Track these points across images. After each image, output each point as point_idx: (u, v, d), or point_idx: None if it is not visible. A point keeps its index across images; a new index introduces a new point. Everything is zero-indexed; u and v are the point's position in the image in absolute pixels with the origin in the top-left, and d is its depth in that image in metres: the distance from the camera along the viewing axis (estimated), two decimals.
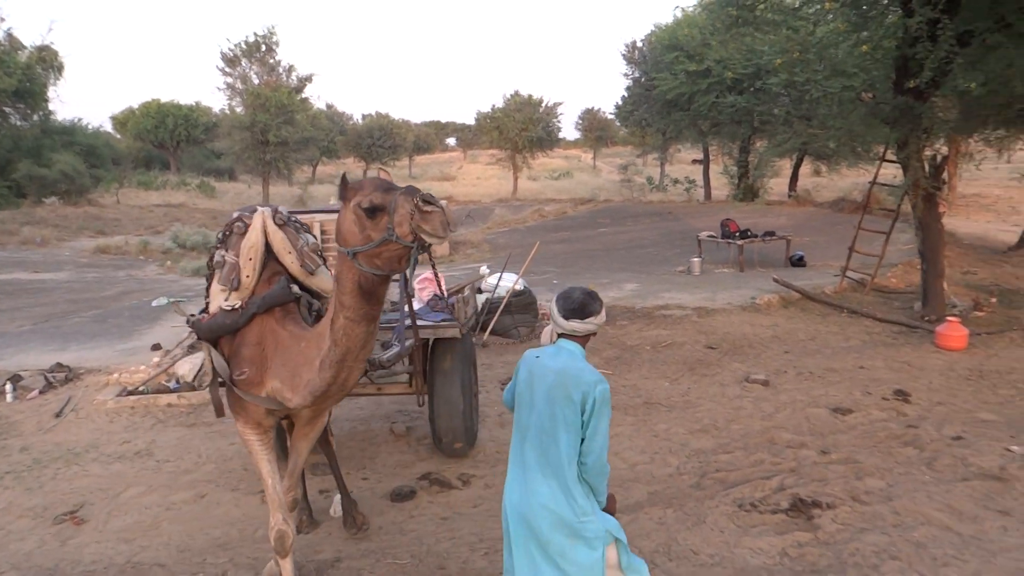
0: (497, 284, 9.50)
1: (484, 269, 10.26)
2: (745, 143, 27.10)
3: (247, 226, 3.98)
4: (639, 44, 31.74)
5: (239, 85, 30.93)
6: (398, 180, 3.56)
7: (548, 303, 6.51)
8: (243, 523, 5.13)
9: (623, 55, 32.72)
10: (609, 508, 3.06)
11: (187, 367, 7.56)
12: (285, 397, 3.66)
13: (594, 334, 3.07)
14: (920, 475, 5.49)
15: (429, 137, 64.27)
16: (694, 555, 4.50)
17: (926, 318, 9.52)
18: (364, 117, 54.80)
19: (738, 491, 5.25)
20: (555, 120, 40.05)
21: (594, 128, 61.86)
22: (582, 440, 2.90)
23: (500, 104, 38.73)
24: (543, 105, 38.83)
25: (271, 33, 31.05)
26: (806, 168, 33.46)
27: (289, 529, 3.90)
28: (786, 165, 29.61)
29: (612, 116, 43.07)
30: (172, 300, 8.75)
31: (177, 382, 7.77)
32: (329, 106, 53.98)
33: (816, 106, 14.42)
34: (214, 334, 3.85)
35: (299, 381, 3.58)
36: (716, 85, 24.89)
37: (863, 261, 11.61)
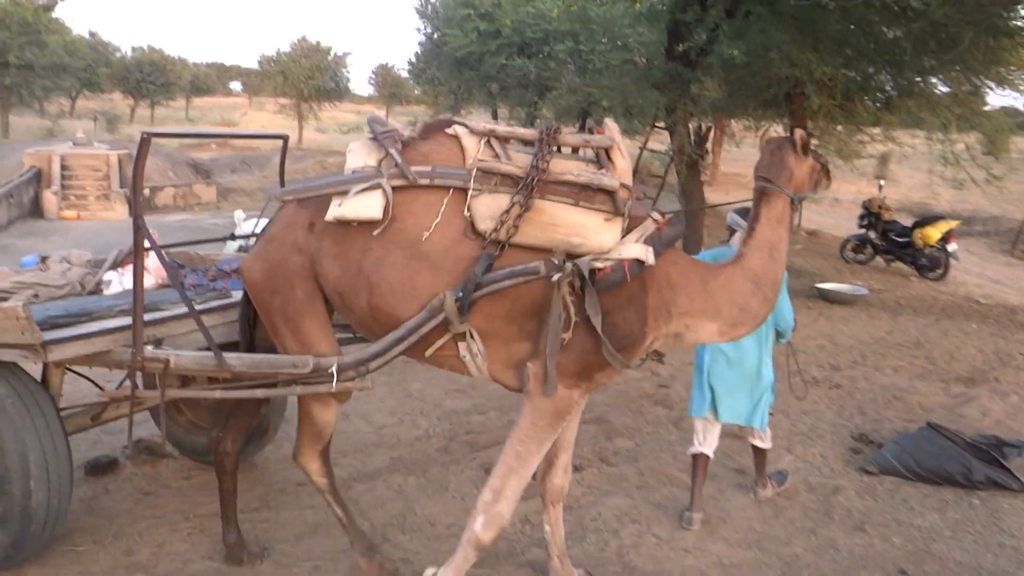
0: (252, 231, 8.58)
1: (239, 214, 9.29)
2: (532, 108, 27.34)
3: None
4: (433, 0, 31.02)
5: None
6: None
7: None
8: None
9: (417, 9, 31.79)
10: None
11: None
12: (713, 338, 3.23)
13: None
14: (667, 434, 5.46)
15: (210, 79, 59.61)
16: (430, 526, 4.11)
17: None
18: (134, 50, 49.67)
19: (486, 454, 4.93)
20: (344, 71, 38.52)
21: (388, 84, 60.30)
22: None
23: (286, 49, 36.52)
24: (332, 54, 37.13)
25: None
26: None
27: None
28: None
29: (406, 73, 42.08)
30: None
31: None
32: (92, 34, 48.27)
33: (599, 76, 14.64)
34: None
35: (748, 314, 3.14)
36: (506, 47, 24.78)
37: None
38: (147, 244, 3.23)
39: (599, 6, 12.66)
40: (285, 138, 4.62)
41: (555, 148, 2.93)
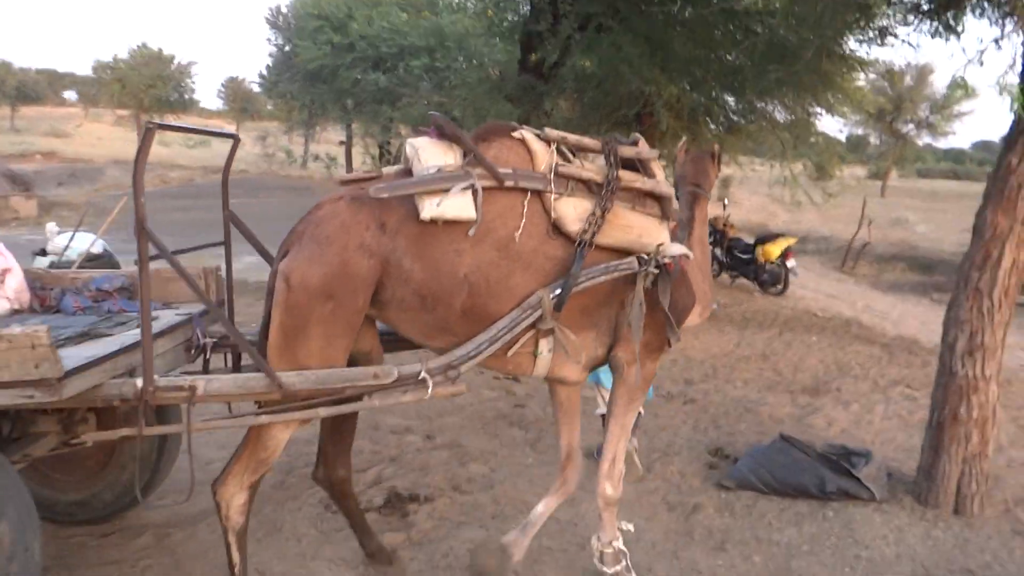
0: (67, 245, 7.71)
1: (52, 227, 8.33)
2: (388, 124, 26.88)
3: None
4: (284, 9, 30.05)
5: None
6: None
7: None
8: None
9: (267, 20, 30.79)
10: None
11: None
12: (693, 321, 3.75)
13: None
14: (524, 458, 5.19)
15: (39, 86, 55.26)
16: None
17: None
18: None
19: None
20: (189, 81, 36.63)
21: (238, 98, 57.89)
22: None
23: (124, 56, 34.34)
24: (175, 63, 35.23)
25: None
26: None
27: None
28: None
29: (257, 86, 40.43)
30: None
31: None
32: None
33: (453, 90, 14.47)
34: None
35: (706, 298, 3.80)
36: (360, 61, 24.28)
37: None
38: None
39: (452, 21, 12.56)
40: (236, 139, 4.10)
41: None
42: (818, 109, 13.14)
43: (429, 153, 3.03)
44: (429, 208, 2.85)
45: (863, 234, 17.02)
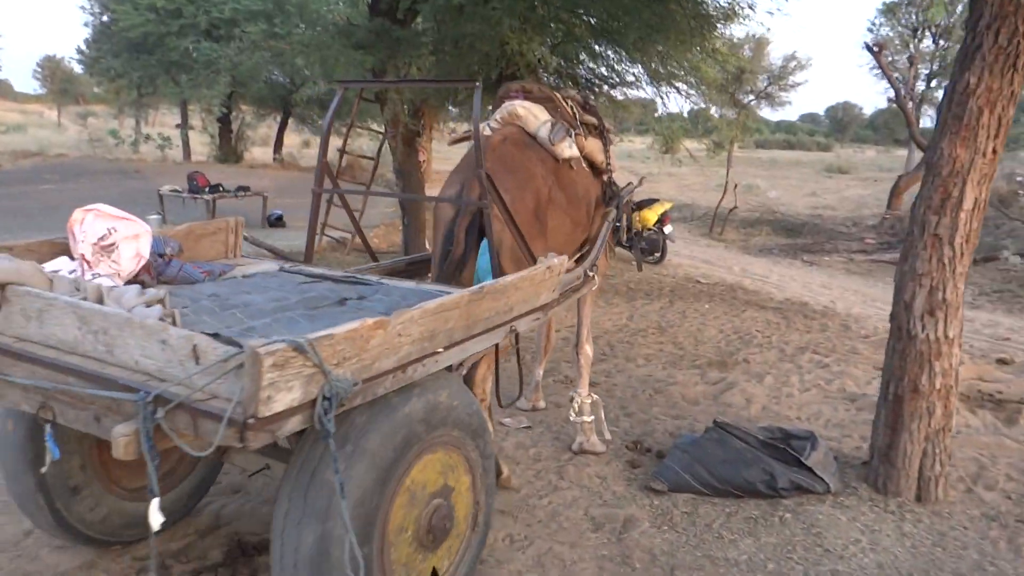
0: None
1: None
2: (227, 99, 24.63)
3: None
4: None
5: None
6: None
7: None
8: None
9: None
10: None
11: None
12: None
13: None
14: None
15: None
16: None
17: None
18: None
19: (143, 546, 3.25)
20: None
21: (56, 80, 52.44)
22: None
23: None
24: None
25: None
26: (295, 139, 32.35)
27: None
28: (272, 130, 28.03)
29: (77, 64, 36.39)
30: None
31: None
32: None
33: (292, 37, 12.99)
34: None
35: None
36: (190, 28, 21.95)
37: (347, 222, 10.38)
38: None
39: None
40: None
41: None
42: (681, 71, 12.73)
43: (537, 111, 4.12)
44: (566, 150, 4.06)
45: (731, 199, 16.89)
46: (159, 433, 1.92)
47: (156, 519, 1.92)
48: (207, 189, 12.51)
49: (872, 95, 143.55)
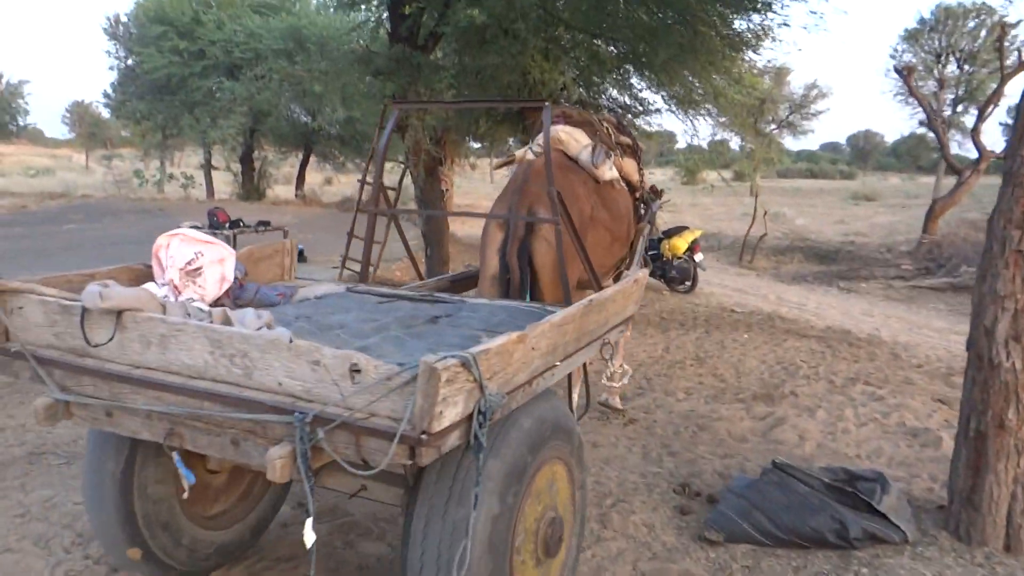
0: None
1: None
2: (248, 137, 24.72)
3: None
4: (123, 18, 27.27)
5: None
6: None
7: None
8: None
9: (105, 30, 27.86)
10: None
11: None
12: None
13: None
14: None
15: None
16: None
17: None
18: None
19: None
20: (22, 102, 33.02)
21: (85, 124, 53.31)
22: None
23: None
24: (2, 82, 31.65)
25: None
26: (317, 176, 32.46)
27: None
28: (295, 169, 28.10)
29: (104, 108, 36.85)
30: None
31: None
32: None
33: (320, 101, 12.97)
34: None
35: None
36: (213, 68, 22.10)
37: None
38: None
39: (310, 22, 11.07)
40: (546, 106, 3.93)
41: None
42: (706, 96, 12.51)
43: (579, 135, 4.44)
44: (607, 172, 4.42)
45: (759, 227, 16.48)
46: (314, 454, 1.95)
47: (310, 537, 1.97)
48: (227, 225, 12.31)
49: (894, 122, 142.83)
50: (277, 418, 1.96)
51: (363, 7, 7.54)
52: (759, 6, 6.88)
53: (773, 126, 41.51)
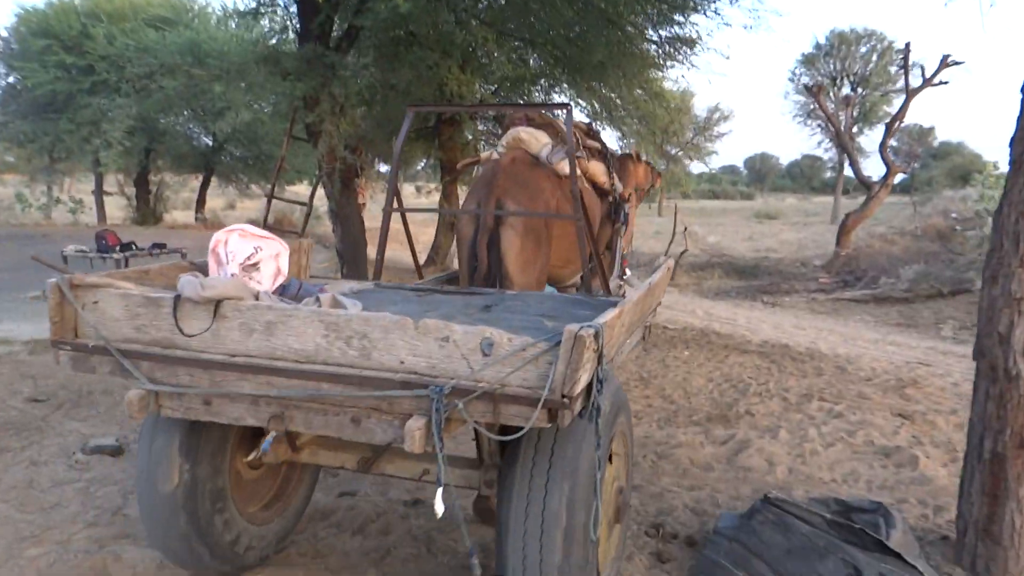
0: None
1: None
2: (144, 158, 23.28)
3: None
4: (3, 32, 25.40)
5: None
6: None
7: None
8: None
9: None
10: None
11: None
12: None
13: None
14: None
15: None
16: None
17: None
18: None
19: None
20: None
21: None
22: None
23: None
24: None
25: None
26: (220, 201, 31.02)
27: None
28: (196, 191, 26.69)
29: None
30: None
31: None
32: None
33: (221, 117, 12.07)
34: None
35: None
36: (102, 85, 20.69)
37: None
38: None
39: (210, 37, 10.22)
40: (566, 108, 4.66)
41: None
42: (627, 110, 12.39)
43: (539, 136, 4.79)
44: (566, 168, 4.51)
45: (679, 244, 16.33)
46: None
47: (440, 507, 2.02)
48: (117, 247, 11.27)
49: (787, 145, 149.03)
50: (412, 392, 2.04)
51: (266, 13, 6.83)
52: (696, 5, 6.56)
53: (677, 149, 42.29)
